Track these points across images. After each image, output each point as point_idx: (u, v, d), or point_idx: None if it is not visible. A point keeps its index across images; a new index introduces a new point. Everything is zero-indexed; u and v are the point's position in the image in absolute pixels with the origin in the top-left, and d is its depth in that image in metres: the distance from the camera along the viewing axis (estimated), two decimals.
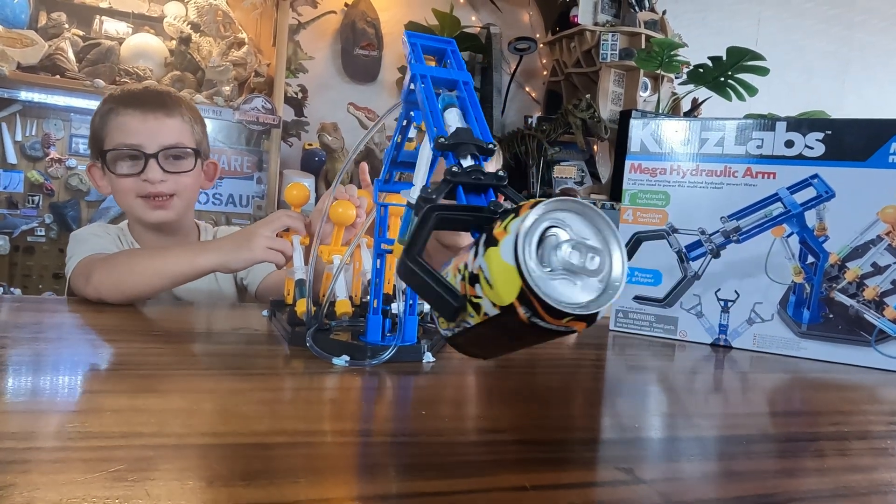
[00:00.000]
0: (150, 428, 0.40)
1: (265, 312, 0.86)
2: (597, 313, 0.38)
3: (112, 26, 2.32)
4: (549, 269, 0.37)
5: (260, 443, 0.39)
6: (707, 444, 0.47)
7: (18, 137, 2.26)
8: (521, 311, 0.36)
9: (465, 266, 0.39)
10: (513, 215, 0.38)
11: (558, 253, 0.37)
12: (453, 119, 0.51)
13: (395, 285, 0.66)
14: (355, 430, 0.44)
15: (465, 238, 1.21)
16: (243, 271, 1.18)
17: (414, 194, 0.60)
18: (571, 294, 0.37)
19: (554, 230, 0.38)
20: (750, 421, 0.54)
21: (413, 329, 0.68)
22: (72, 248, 1.01)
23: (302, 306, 0.73)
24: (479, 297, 0.37)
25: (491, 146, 0.49)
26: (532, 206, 0.37)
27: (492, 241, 0.37)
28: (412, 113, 0.61)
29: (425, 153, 0.61)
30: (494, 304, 0.37)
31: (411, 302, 0.66)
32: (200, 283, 1.09)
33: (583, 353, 0.82)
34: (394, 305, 0.67)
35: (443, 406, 0.52)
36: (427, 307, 0.78)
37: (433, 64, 0.62)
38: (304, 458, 0.37)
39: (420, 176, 0.61)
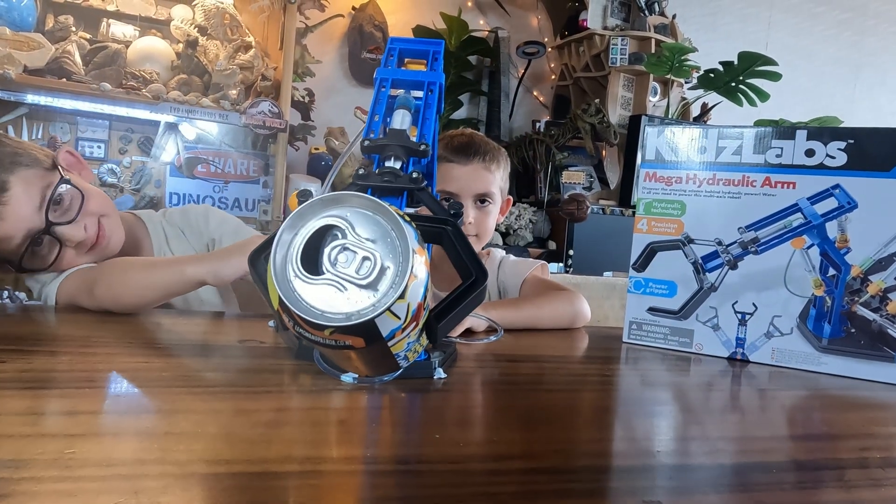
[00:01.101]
0: (153, 454, 0.38)
1: (272, 323, 0.84)
2: (375, 329, 0.33)
3: (119, 29, 2.31)
4: (323, 275, 0.33)
5: (268, 471, 0.37)
6: (733, 473, 0.44)
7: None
8: (286, 318, 0.33)
9: None
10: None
11: (323, 257, 0.33)
12: (398, 121, 0.49)
13: None
14: (367, 456, 0.42)
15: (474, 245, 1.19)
16: None
17: None
18: (334, 304, 0.32)
19: (336, 230, 0.34)
20: (774, 445, 0.52)
21: None
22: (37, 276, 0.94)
23: None
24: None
25: (423, 148, 0.46)
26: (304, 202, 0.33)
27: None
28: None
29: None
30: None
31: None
32: None
33: (596, 368, 0.80)
34: None
35: (455, 428, 0.50)
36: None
37: (422, 68, 0.60)
38: (315, 489, 0.35)
39: None
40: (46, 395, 0.50)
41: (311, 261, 0.33)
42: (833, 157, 0.80)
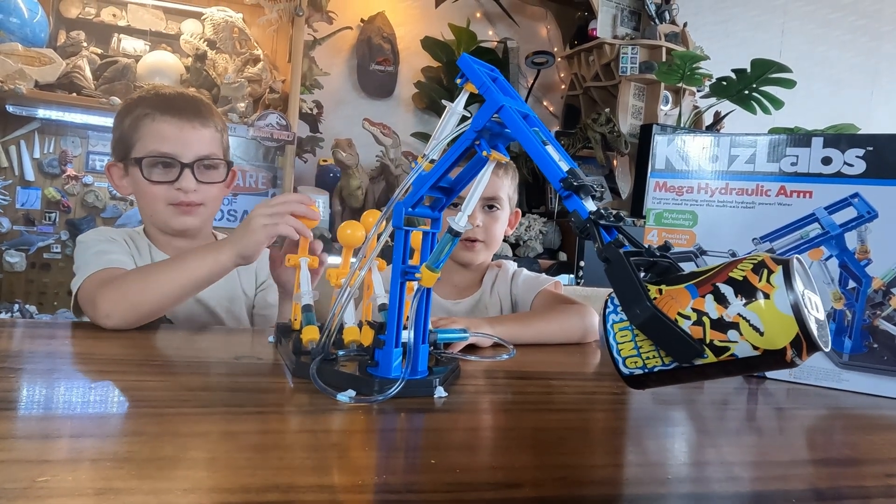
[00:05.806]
0: (129, 483, 0.36)
1: (271, 338, 0.82)
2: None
3: (130, 44, 2.32)
4: (815, 317, 0.43)
5: (247, 502, 0.35)
6: (750, 503, 0.42)
7: (36, 154, 2.27)
8: (790, 353, 0.42)
9: (699, 313, 0.43)
10: (765, 270, 0.43)
11: (807, 303, 0.43)
12: (554, 157, 0.52)
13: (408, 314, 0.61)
14: (355, 484, 0.39)
15: (479, 255, 1.17)
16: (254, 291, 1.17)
17: (461, 222, 0.57)
18: (817, 334, 0.42)
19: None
20: (794, 471, 0.49)
21: (424, 360, 0.63)
22: (79, 256, 0.98)
23: (308, 334, 0.69)
24: (732, 342, 0.42)
25: (597, 187, 0.51)
26: (783, 265, 0.43)
27: (755, 293, 0.42)
28: (479, 141, 0.58)
29: (483, 181, 0.59)
30: (755, 347, 0.42)
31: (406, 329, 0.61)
32: (218, 287, 1.05)
33: (605, 385, 0.77)
34: (404, 333, 0.62)
35: (453, 452, 0.47)
36: (439, 336, 0.74)
37: (473, 90, 0.60)
38: None
39: (472, 203, 0.58)
40: (27, 416, 0.48)
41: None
42: (851, 165, 0.77)
